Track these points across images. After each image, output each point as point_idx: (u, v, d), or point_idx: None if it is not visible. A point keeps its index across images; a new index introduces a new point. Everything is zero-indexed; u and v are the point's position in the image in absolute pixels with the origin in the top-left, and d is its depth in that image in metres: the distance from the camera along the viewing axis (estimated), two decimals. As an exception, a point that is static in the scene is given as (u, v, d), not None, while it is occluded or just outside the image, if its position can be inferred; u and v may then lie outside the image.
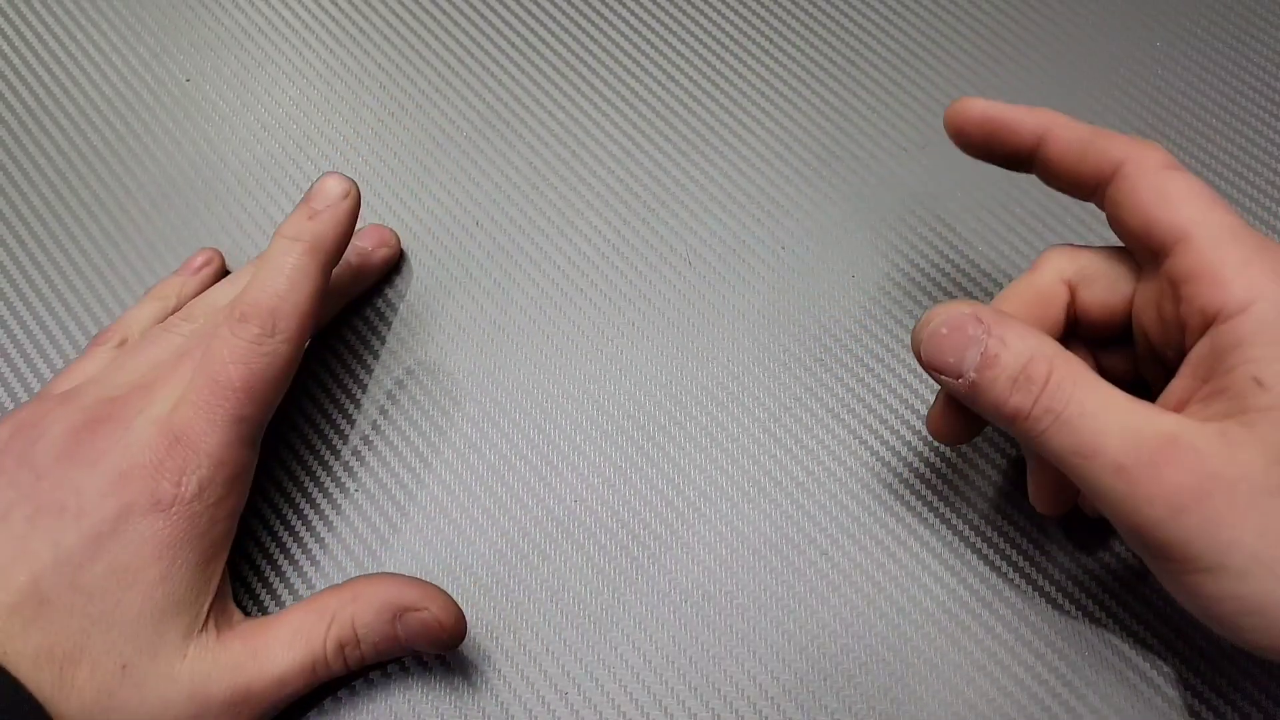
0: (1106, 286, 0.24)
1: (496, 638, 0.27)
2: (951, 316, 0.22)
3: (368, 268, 0.31)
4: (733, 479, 0.29)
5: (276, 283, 0.25)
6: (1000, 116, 0.25)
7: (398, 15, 0.37)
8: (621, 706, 0.26)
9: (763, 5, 0.37)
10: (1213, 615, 0.20)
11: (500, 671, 0.27)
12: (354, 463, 0.29)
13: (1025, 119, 0.24)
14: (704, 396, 0.30)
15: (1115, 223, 0.23)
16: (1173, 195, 0.22)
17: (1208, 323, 0.21)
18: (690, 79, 0.35)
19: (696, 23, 0.36)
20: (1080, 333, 0.25)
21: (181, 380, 0.25)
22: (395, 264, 0.32)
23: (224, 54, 0.36)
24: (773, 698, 0.26)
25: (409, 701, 0.26)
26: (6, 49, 0.37)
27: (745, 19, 0.36)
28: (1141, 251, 0.23)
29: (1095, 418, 0.20)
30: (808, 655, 0.27)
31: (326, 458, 0.29)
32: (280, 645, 0.25)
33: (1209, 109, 0.34)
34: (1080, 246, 0.25)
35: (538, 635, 0.27)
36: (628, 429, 0.30)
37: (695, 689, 0.26)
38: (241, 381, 0.24)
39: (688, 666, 0.27)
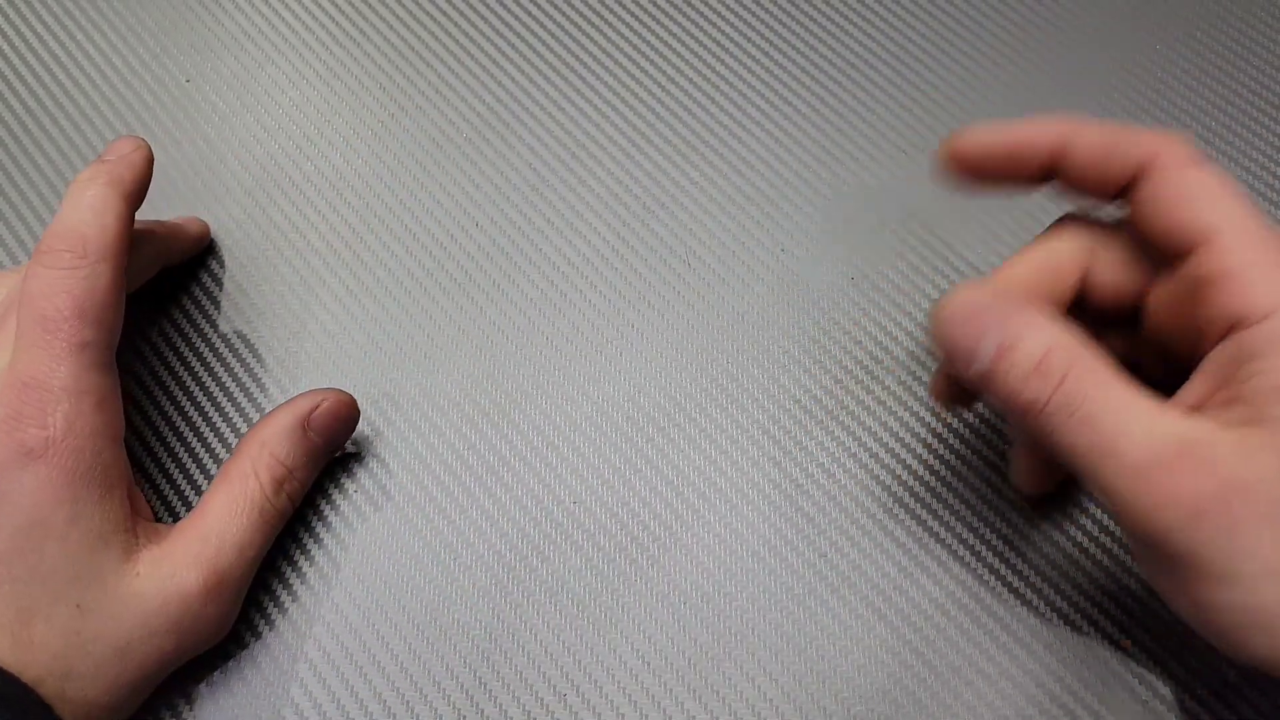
0: (1121, 270, 0.23)
1: (495, 639, 0.27)
2: (970, 302, 0.21)
3: (181, 236, 0.31)
4: (731, 480, 0.29)
5: (78, 212, 0.25)
6: (1013, 141, 0.23)
7: (398, 16, 0.37)
8: (620, 708, 0.26)
9: (762, 6, 0.37)
10: (1219, 627, 0.20)
11: (499, 673, 0.27)
12: (352, 463, 0.29)
13: (1040, 135, 0.23)
14: (703, 398, 0.30)
15: (1139, 222, 0.22)
16: (1198, 195, 0.21)
17: (1228, 327, 0.20)
18: (690, 79, 0.35)
19: (696, 24, 0.36)
20: (1085, 309, 0.24)
21: (4, 335, 0.25)
22: (208, 244, 0.33)
23: (224, 55, 0.36)
24: (771, 699, 0.26)
25: (408, 705, 0.26)
26: (6, 49, 0.37)
27: (745, 19, 0.36)
28: (1163, 250, 0.22)
29: (1114, 416, 0.20)
30: (805, 657, 0.27)
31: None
32: (225, 517, 0.25)
33: (1208, 112, 0.34)
34: (1099, 222, 0.24)
35: (536, 637, 0.27)
36: (626, 430, 0.30)
37: (693, 691, 0.26)
38: (70, 309, 0.24)
39: (686, 668, 0.27)
